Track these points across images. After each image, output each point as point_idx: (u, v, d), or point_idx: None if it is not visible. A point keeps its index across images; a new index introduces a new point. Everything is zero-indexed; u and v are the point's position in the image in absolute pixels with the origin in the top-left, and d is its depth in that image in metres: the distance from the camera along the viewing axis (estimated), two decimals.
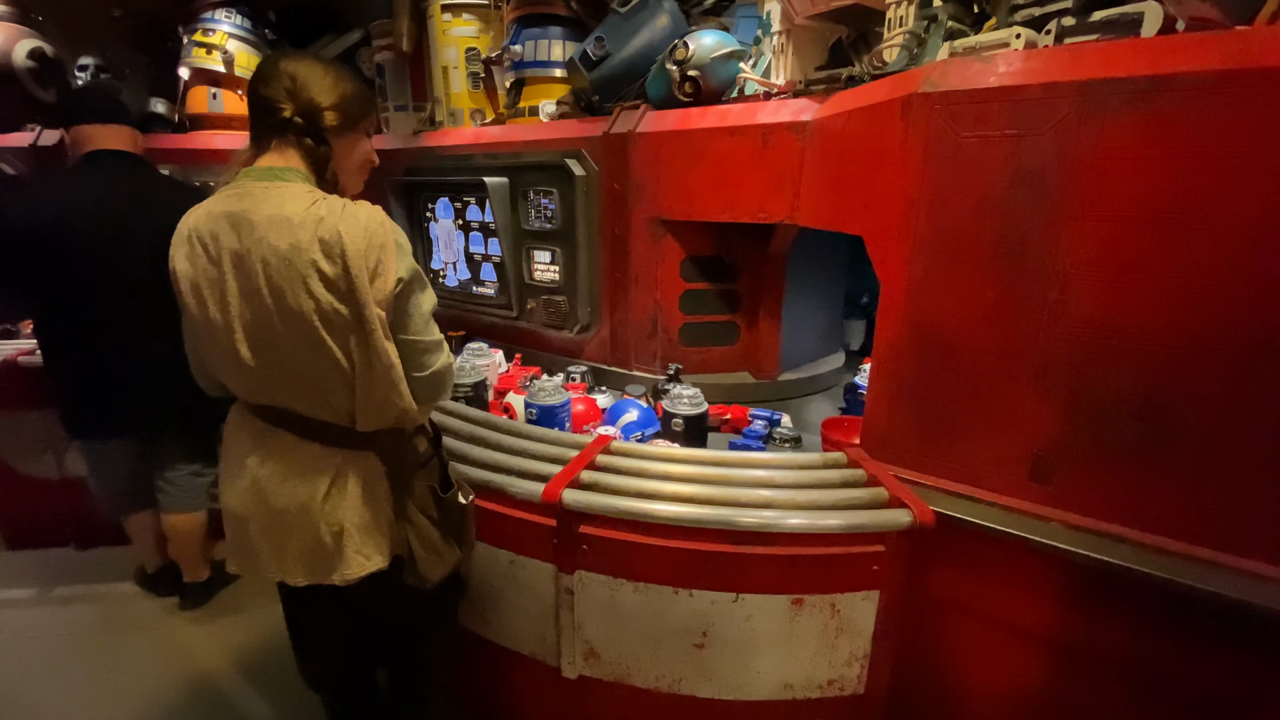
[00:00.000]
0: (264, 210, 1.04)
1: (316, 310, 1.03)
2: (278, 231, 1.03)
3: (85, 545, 2.61)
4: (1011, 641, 1.31)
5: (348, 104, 1.15)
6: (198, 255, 1.09)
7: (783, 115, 1.78)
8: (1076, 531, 1.19)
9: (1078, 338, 1.15)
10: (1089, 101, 1.07)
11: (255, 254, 1.03)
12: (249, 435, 1.19)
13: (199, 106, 3.08)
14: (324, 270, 1.02)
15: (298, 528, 1.14)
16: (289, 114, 1.10)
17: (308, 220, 1.03)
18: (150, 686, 1.95)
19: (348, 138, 1.18)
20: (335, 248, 1.02)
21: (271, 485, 1.14)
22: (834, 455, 1.50)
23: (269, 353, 1.09)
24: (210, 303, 1.09)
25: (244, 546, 1.22)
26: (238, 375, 1.14)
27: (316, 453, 1.15)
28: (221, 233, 1.06)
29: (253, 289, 1.05)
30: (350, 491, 1.15)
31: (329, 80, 1.13)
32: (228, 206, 1.07)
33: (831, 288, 2.41)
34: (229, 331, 1.09)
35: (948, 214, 1.24)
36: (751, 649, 1.35)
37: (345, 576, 1.16)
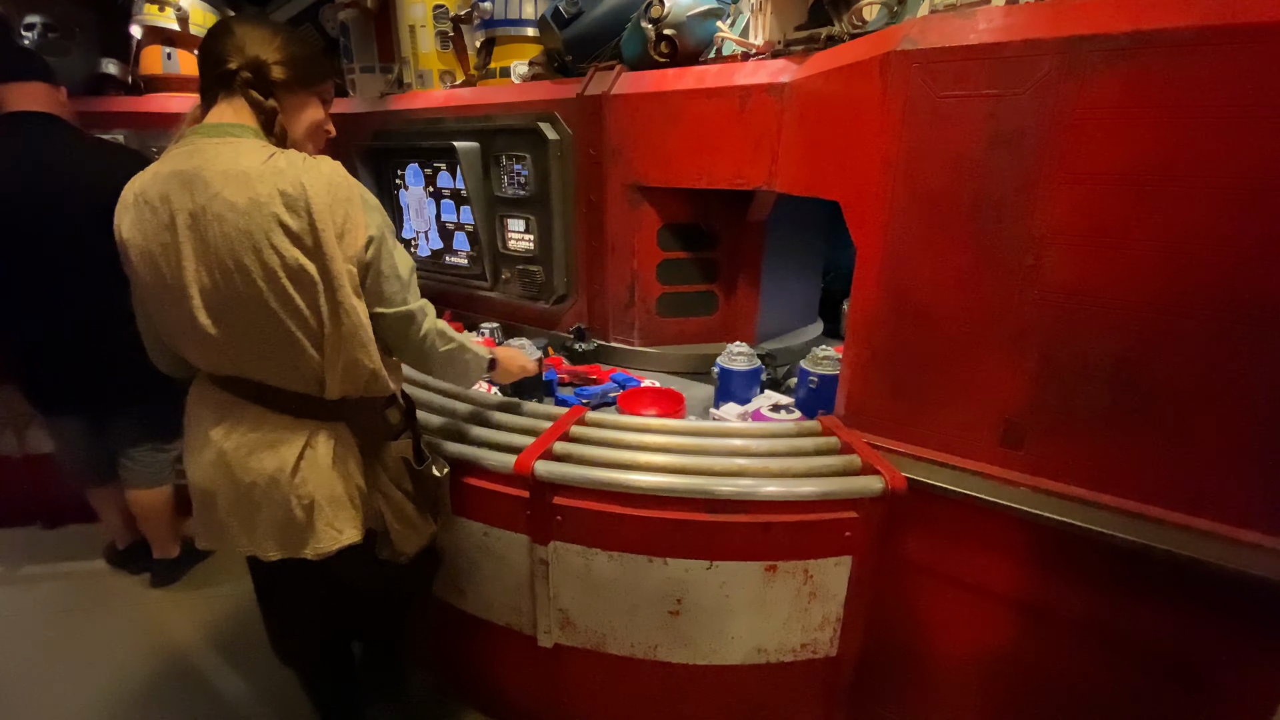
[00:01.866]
0: (217, 166, 0.99)
1: (282, 266, 0.99)
2: (234, 186, 0.98)
3: (52, 524, 2.55)
4: (980, 604, 1.34)
5: (296, 62, 1.12)
6: (146, 220, 1.03)
7: (760, 76, 1.73)
8: (1045, 495, 1.21)
9: (1051, 303, 1.14)
10: (1069, 59, 1.04)
11: (211, 211, 0.98)
12: (212, 408, 1.15)
13: (153, 67, 2.93)
14: (287, 224, 0.98)
15: (267, 501, 1.11)
16: (234, 65, 1.06)
17: (266, 173, 0.98)
18: (122, 664, 1.92)
19: (297, 95, 1.14)
20: (299, 201, 0.98)
21: (238, 458, 1.11)
22: (809, 423, 1.49)
23: (230, 318, 1.04)
24: (164, 270, 1.04)
25: (212, 521, 1.19)
26: (198, 346, 1.09)
27: (284, 423, 1.11)
28: (172, 193, 1.01)
29: (210, 250, 1.00)
30: (320, 463, 1.11)
31: (279, 40, 1.10)
32: (177, 165, 1.02)
33: (810, 257, 2.38)
34: (186, 299, 1.03)
35: (925, 177, 1.22)
36: (726, 615, 1.36)
37: (317, 550, 1.13)
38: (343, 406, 1.13)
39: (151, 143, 2.79)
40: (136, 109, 2.84)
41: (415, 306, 1.14)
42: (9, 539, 2.50)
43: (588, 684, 1.54)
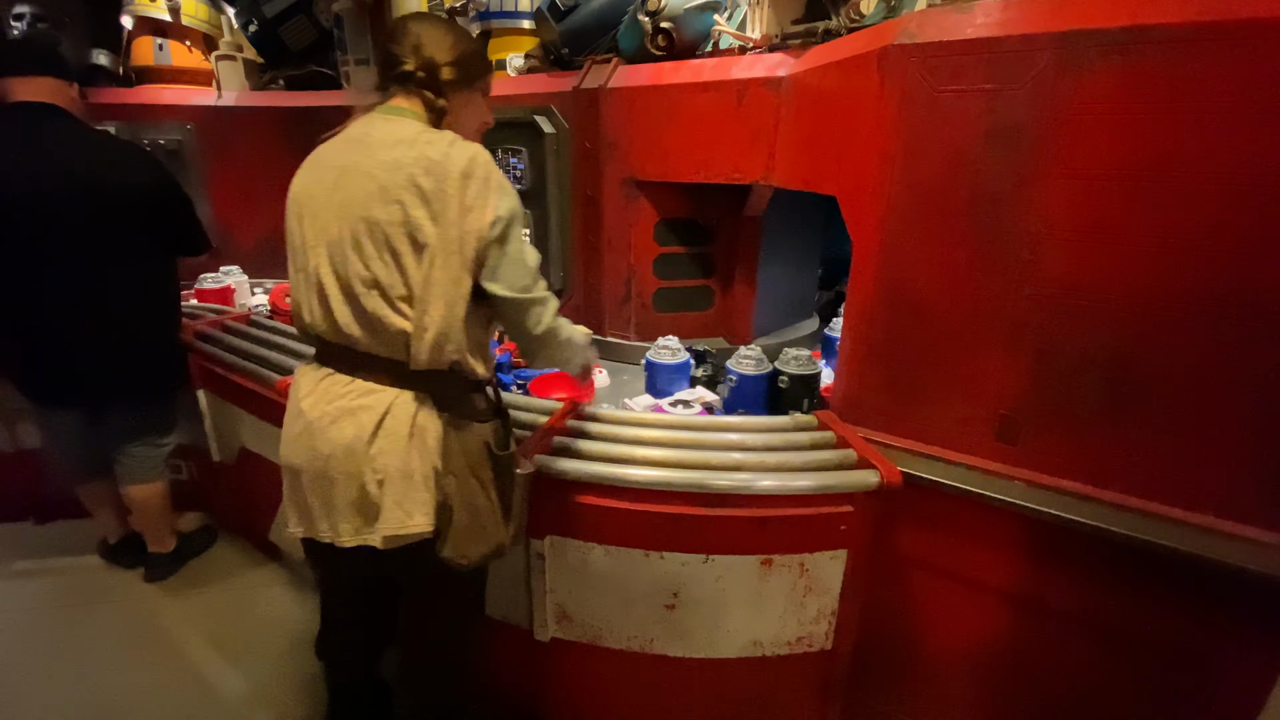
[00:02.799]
0: (379, 134, 1.10)
1: (403, 222, 1.03)
2: (386, 148, 1.07)
3: (44, 519, 2.53)
4: (975, 597, 1.34)
5: (465, 61, 1.19)
6: (311, 177, 1.15)
7: (758, 70, 1.72)
8: (1040, 490, 1.21)
9: (1046, 298, 1.15)
10: (1067, 54, 1.04)
11: (360, 168, 1.07)
12: (308, 382, 1.16)
13: (144, 58, 2.90)
14: (420, 184, 1.03)
15: (343, 474, 1.08)
16: (411, 67, 1.15)
17: (418, 140, 1.07)
18: (116, 661, 1.91)
19: (463, 94, 1.21)
20: (437, 167, 1.04)
21: (320, 428, 1.10)
22: (805, 418, 1.50)
23: (344, 270, 1.08)
24: (306, 220, 1.12)
25: (299, 502, 1.17)
26: (314, 303, 1.13)
27: (368, 390, 1.11)
28: (338, 154, 1.12)
29: (347, 203, 1.07)
30: (398, 432, 1.08)
31: (450, 39, 1.17)
32: (350, 133, 1.15)
33: (807, 252, 2.38)
34: (315, 250, 1.10)
35: (922, 172, 1.22)
36: (722, 608, 1.36)
37: (385, 534, 1.08)
38: (429, 378, 1.11)
39: (142, 134, 2.76)
40: (128, 100, 2.81)
41: (538, 296, 1.17)
42: (1, 534, 2.48)
43: (585, 678, 1.54)
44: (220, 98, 2.88)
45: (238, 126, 2.85)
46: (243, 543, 2.43)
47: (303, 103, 2.86)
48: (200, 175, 2.87)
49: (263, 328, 2.23)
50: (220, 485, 2.38)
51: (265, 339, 2.09)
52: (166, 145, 2.79)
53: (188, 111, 2.82)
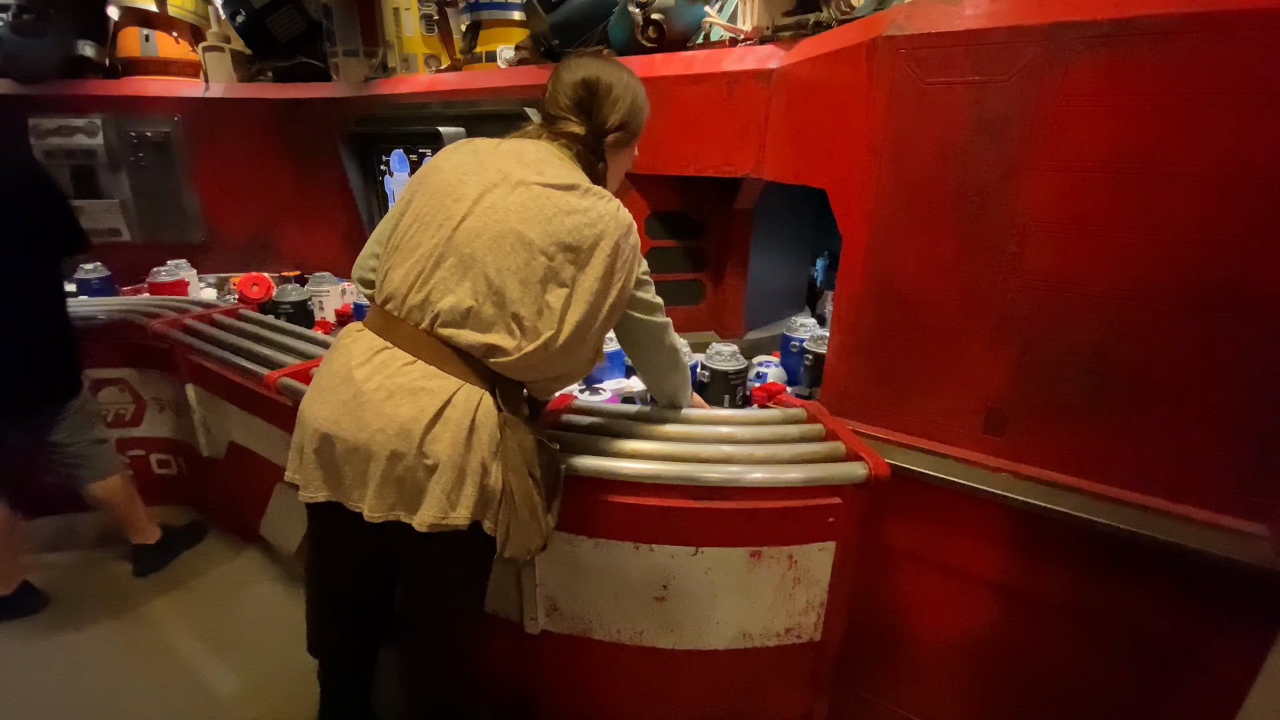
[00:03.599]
0: (549, 170, 1.12)
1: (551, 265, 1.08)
2: (554, 180, 1.10)
3: (31, 515, 2.51)
4: (962, 588, 1.35)
5: (631, 120, 1.22)
6: (465, 158, 1.14)
7: (748, 63, 1.72)
8: (1026, 481, 1.22)
9: (1033, 290, 1.15)
10: (1053, 46, 1.05)
11: (523, 183, 1.08)
12: (362, 349, 1.11)
13: (130, 49, 2.87)
14: (582, 233, 1.08)
15: (388, 452, 1.04)
16: (581, 132, 1.19)
17: (584, 187, 1.12)
18: (106, 657, 1.90)
19: (624, 153, 1.27)
20: (598, 222, 1.09)
21: (374, 401, 1.05)
22: (794, 411, 1.50)
23: (477, 259, 1.06)
24: (450, 202, 1.09)
25: (327, 466, 1.12)
26: (418, 268, 1.09)
27: (432, 374, 1.07)
28: (501, 154, 1.13)
29: (500, 205, 1.07)
30: (457, 423, 1.05)
31: (618, 95, 1.20)
32: (520, 148, 1.16)
33: (798, 245, 2.39)
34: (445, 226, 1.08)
35: (910, 164, 1.22)
36: (711, 600, 1.37)
37: (424, 519, 1.05)
38: (496, 378, 1.11)
39: (129, 126, 2.74)
40: (113, 92, 2.78)
41: (667, 321, 1.32)
42: None
43: (575, 670, 1.54)
44: (208, 89, 2.85)
45: (225, 119, 2.83)
46: (232, 538, 2.42)
47: (291, 94, 2.83)
48: (187, 168, 2.84)
49: (250, 321, 2.21)
50: (209, 480, 2.36)
51: (253, 333, 2.08)
52: (154, 138, 2.76)
53: (175, 104, 2.79)
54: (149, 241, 2.88)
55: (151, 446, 2.45)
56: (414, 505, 1.06)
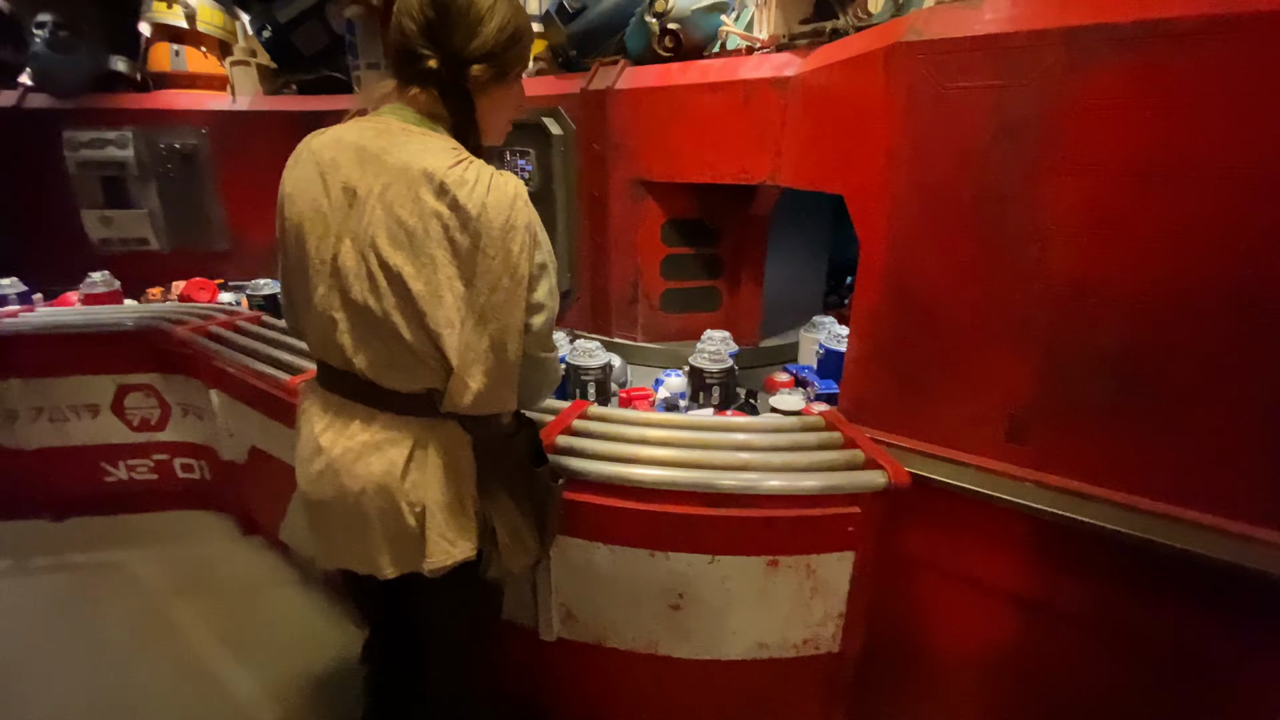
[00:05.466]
0: (400, 154, 0.93)
1: (431, 281, 0.93)
2: (409, 180, 0.91)
3: (60, 516, 2.57)
4: (984, 599, 1.33)
5: (500, 51, 0.98)
6: (309, 180, 0.97)
7: (765, 70, 1.72)
8: (1050, 491, 1.19)
9: (1056, 295, 1.13)
10: (1075, 49, 1.03)
11: (377, 195, 0.92)
12: (320, 413, 1.07)
13: (161, 64, 2.95)
14: (456, 241, 0.92)
15: (377, 510, 1.02)
16: (434, 65, 0.95)
17: (450, 180, 0.91)
18: (128, 656, 1.93)
19: (495, 93, 1.02)
20: (474, 223, 0.91)
21: (345, 464, 1.01)
22: (812, 418, 1.49)
23: (358, 306, 0.96)
24: (308, 236, 0.97)
25: (329, 537, 1.09)
26: (318, 326, 1.01)
27: (393, 423, 1.02)
28: (344, 163, 0.95)
29: (364, 233, 0.93)
30: (431, 464, 1.02)
31: (477, 15, 0.95)
32: (362, 140, 0.96)
33: (814, 252, 2.38)
34: (318, 273, 0.97)
35: (929, 169, 1.21)
36: (727, 610, 1.35)
37: (430, 566, 1.02)
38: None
39: (159, 138, 2.81)
40: (144, 105, 2.87)
41: (549, 355, 1.08)
42: (17, 531, 2.51)
43: (590, 678, 1.53)
44: (234, 102, 2.93)
45: (251, 130, 2.89)
46: (253, 541, 2.45)
47: (314, 107, 2.89)
48: (214, 178, 2.91)
49: (272, 327, 2.25)
50: (231, 484, 2.40)
51: (275, 339, 2.11)
52: (182, 149, 2.84)
53: (202, 116, 2.87)
54: (176, 250, 2.95)
55: (176, 451, 2.50)
56: (418, 554, 1.03)
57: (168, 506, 2.59)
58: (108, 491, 2.52)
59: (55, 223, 2.85)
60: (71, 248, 2.88)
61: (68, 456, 2.45)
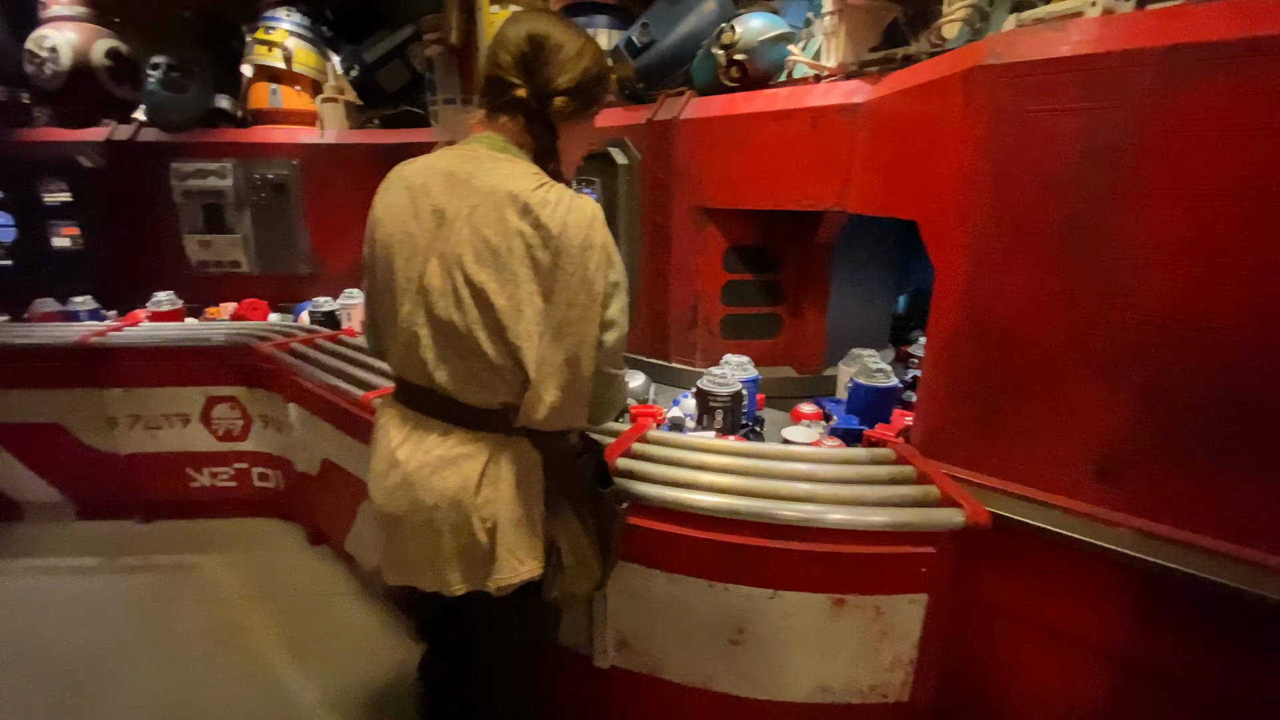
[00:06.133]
0: (487, 178, 0.99)
1: (513, 296, 0.97)
2: (496, 203, 0.97)
3: (148, 518, 2.74)
4: (1071, 653, 1.22)
5: (584, 89, 1.05)
6: (400, 204, 1.04)
7: (833, 98, 1.72)
8: (1146, 537, 1.10)
9: (1153, 328, 1.06)
10: (1174, 70, 0.98)
11: (465, 217, 0.98)
12: (398, 428, 1.11)
13: (260, 102, 3.20)
14: (538, 259, 0.96)
15: (449, 525, 1.04)
16: (524, 95, 1.03)
17: (533, 201, 0.96)
18: (201, 656, 2.02)
19: (576, 125, 1.10)
20: (554, 242, 0.96)
21: (421, 478, 1.05)
22: (882, 451, 1.43)
23: (442, 324, 1.01)
24: (396, 257, 1.03)
25: (399, 552, 1.12)
26: (401, 343, 1.06)
27: (468, 438, 1.05)
28: (434, 187, 1.01)
29: (451, 253, 0.98)
30: (504, 480, 1.04)
31: (571, 57, 1.03)
32: (452, 165, 1.02)
33: (879, 282, 2.32)
34: (405, 293, 1.02)
35: (1012, 194, 1.16)
36: (789, 648, 1.30)
37: (499, 583, 1.03)
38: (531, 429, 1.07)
39: (254, 170, 3.03)
40: (242, 139, 3.10)
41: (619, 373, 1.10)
42: (109, 530, 2.69)
43: (643, 709, 1.50)
44: (322, 136, 3.13)
45: (336, 161, 3.09)
46: (320, 550, 2.54)
47: (394, 140, 3.07)
48: (301, 205, 3.11)
49: (349, 345, 2.36)
50: (303, 494, 2.50)
51: (353, 357, 2.21)
52: (274, 179, 3.05)
53: (294, 149, 3.08)
54: (264, 273, 3.16)
55: (254, 460, 2.63)
56: (486, 571, 1.05)
57: (243, 513, 2.73)
58: (191, 497, 2.68)
59: (161, 245, 3.11)
60: (173, 268, 3.13)
61: (158, 462, 2.62)
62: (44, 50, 2.95)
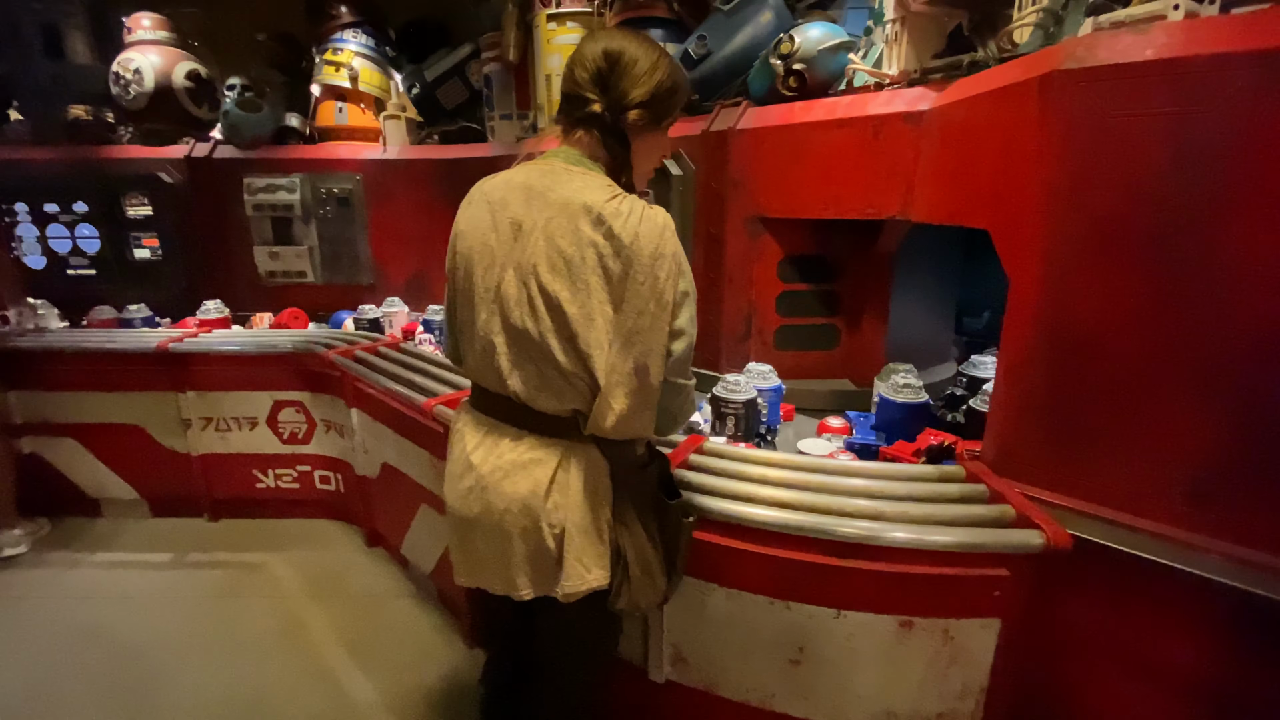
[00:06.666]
0: (562, 190, 1.01)
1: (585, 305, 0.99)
2: (570, 214, 0.99)
3: (216, 517, 2.86)
4: (1159, 686, 1.15)
5: (657, 101, 1.07)
6: (481, 217, 1.07)
7: (896, 106, 1.68)
8: (1241, 564, 1.03)
9: (1250, 341, 1.00)
10: (1268, 74, 0.93)
11: (541, 228, 1.00)
12: (473, 432, 1.14)
13: (327, 120, 3.36)
14: (609, 269, 0.98)
15: (519, 529, 1.06)
16: (599, 109, 1.05)
17: (606, 212, 0.98)
18: (262, 653, 2.09)
19: (649, 137, 1.12)
20: (626, 250, 0.97)
21: (494, 482, 1.07)
22: (952, 469, 1.38)
23: (518, 331, 1.03)
24: (476, 267, 1.07)
25: (470, 554, 1.15)
26: (479, 350, 1.09)
27: (540, 444, 1.07)
28: (512, 200, 1.05)
29: (527, 262, 1.01)
30: (573, 486, 1.05)
31: (645, 71, 1.05)
32: (529, 179, 1.05)
33: (943, 291, 2.25)
34: (484, 301, 1.06)
35: (1093, 202, 1.12)
36: (852, 670, 1.26)
37: (565, 591, 1.05)
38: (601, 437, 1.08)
39: (320, 184, 3.16)
40: (309, 155, 3.25)
41: (687, 383, 1.12)
42: (180, 528, 2.82)
43: None
44: (385, 151, 3.25)
45: (397, 176, 3.20)
46: (377, 552, 2.60)
47: (453, 155, 3.16)
48: (364, 218, 3.23)
49: (409, 354, 2.43)
50: (362, 497, 2.58)
51: (413, 364, 2.28)
52: (339, 193, 3.17)
53: (357, 164, 3.21)
54: (329, 283, 3.28)
55: (316, 463, 2.73)
56: (554, 577, 1.06)
57: (305, 514, 2.83)
58: (257, 497, 2.79)
59: (233, 255, 3.27)
60: (244, 278, 3.29)
61: (227, 463, 2.75)
62: (129, 73, 3.16)
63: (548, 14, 2.68)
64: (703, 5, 2.38)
